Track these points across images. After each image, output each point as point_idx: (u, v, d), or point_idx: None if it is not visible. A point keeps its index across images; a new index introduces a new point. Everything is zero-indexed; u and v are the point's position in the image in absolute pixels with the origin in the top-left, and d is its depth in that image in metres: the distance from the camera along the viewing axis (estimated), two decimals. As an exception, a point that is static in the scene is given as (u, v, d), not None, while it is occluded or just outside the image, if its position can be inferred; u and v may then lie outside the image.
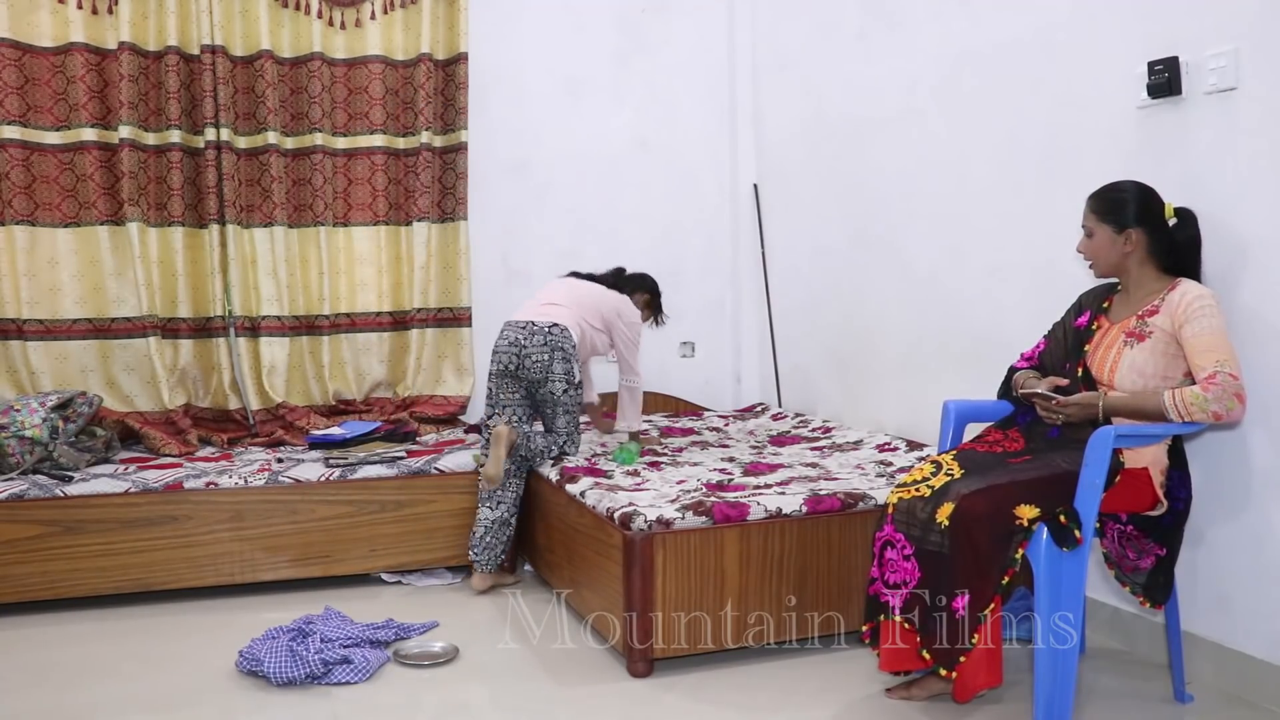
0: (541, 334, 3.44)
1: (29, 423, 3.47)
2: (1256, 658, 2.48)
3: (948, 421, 2.66)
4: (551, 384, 3.44)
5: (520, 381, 3.48)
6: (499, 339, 3.52)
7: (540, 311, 3.53)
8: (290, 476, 3.48)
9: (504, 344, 3.49)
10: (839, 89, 4.25)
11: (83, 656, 2.92)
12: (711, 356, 5.07)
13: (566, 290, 3.66)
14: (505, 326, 3.54)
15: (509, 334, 3.49)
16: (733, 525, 2.72)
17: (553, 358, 3.43)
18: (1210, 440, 2.58)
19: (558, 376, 3.44)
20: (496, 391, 3.50)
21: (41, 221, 3.99)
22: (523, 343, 3.44)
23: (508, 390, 3.49)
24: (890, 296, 3.94)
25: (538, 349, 3.43)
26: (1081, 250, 2.49)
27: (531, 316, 3.51)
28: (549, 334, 3.45)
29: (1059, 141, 3.05)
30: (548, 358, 3.43)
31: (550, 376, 3.44)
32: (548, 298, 3.62)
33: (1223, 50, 2.49)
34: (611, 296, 3.70)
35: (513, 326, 3.50)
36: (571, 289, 3.67)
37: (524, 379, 3.46)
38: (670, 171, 4.94)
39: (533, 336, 3.44)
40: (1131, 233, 2.39)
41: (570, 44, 4.76)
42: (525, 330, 3.46)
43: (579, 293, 3.66)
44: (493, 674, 2.77)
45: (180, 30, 4.07)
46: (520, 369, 3.45)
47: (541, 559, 3.52)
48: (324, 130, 4.28)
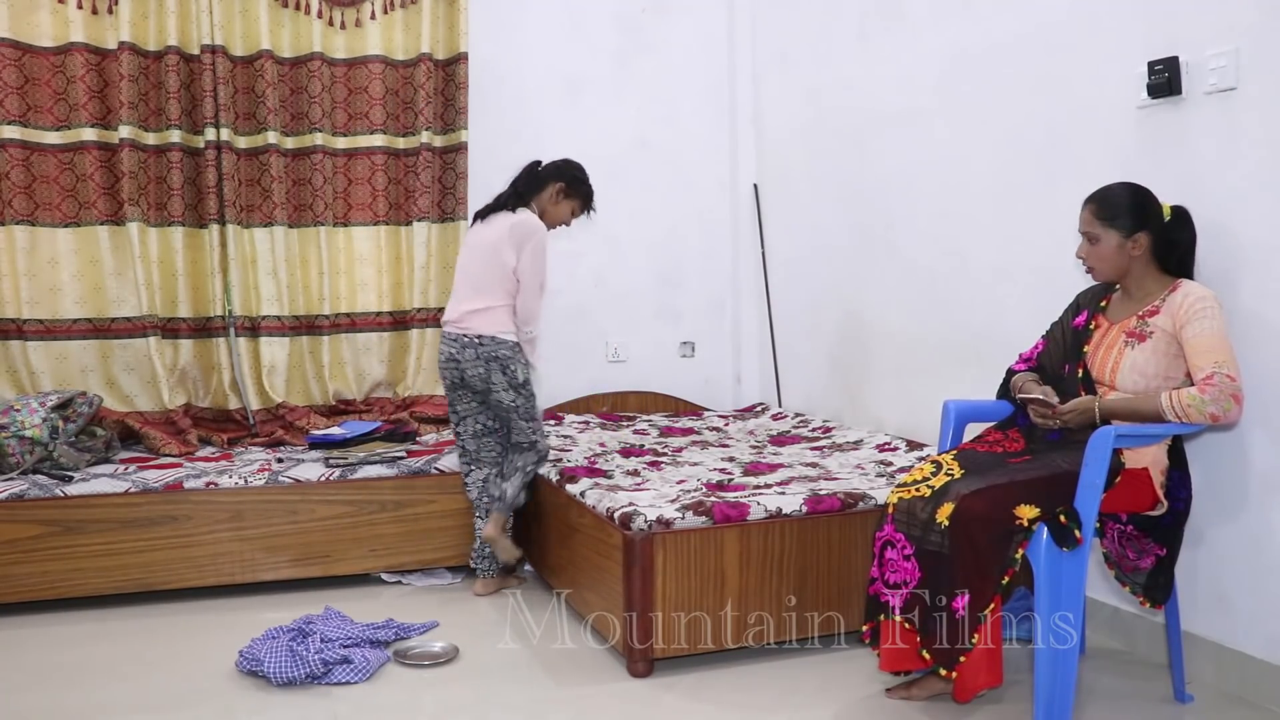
0: (473, 347, 3.28)
1: (29, 423, 3.47)
2: (1256, 658, 2.48)
3: (948, 421, 2.66)
4: (495, 394, 3.30)
5: (472, 390, 3.36)
6: (439, 352, 3.39)
7: (464, 320, 3.30)
8: (290, 476, 3.48)
9: (442, 359, 3.36)
10: (839, 89, 4.25)
11: (83, 656, 2.92)
12: (711, 356, 5.07)
13: (481, 266, 3.31)
14: (442, 336, 3.38)
15: (444, 348, 3.35)
16: (733, 525, 2.72)
17: (489, 369, 3.27)
18: (1210, 440, 2.58)
19: (500, 386, 3.28)
20: (453, 403, 3.41)
21: (41, 221, 3.99)
22: (457, 357, 3.31)
23: (464, 401, 3.39)
24: (890, 296, 3.95)
25: (471, 363, 3.28)
26: (1083, 256, 2.45)
27: (460, 326, 3.31)
28: (479, 347, 3.27)
29: (1059, 141, 3.05)
30: (484, 370, 3.27)
31: (492, 388, 3.29)
32: (466, 297, 3.33)
33: (1223, 50, 2.49)
34: (517, 227, 3.27)
35: (446, 339, 3.35)
36: (485, 260, 3.30)
37: (472, 388, 3.34)
38: (670, 171, 4.94)
39: (464, 350, 3.29)
40: (1140, 236, 2.38)
41: (570, 44, 4.76)
42: (457, 344, 3.30)
43: (490, 258, 3.28)
44: (493, 674, 2.77)
45: (180, 30, 4.07)
46: (464, 381, 3.33)
47: (541, 559, 3.52)
48: (324, 130, 4.28)
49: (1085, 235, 2.43)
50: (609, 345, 4.91)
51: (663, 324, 4.98)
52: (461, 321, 3.32)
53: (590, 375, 4.85)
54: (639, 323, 4.94)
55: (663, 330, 4.99)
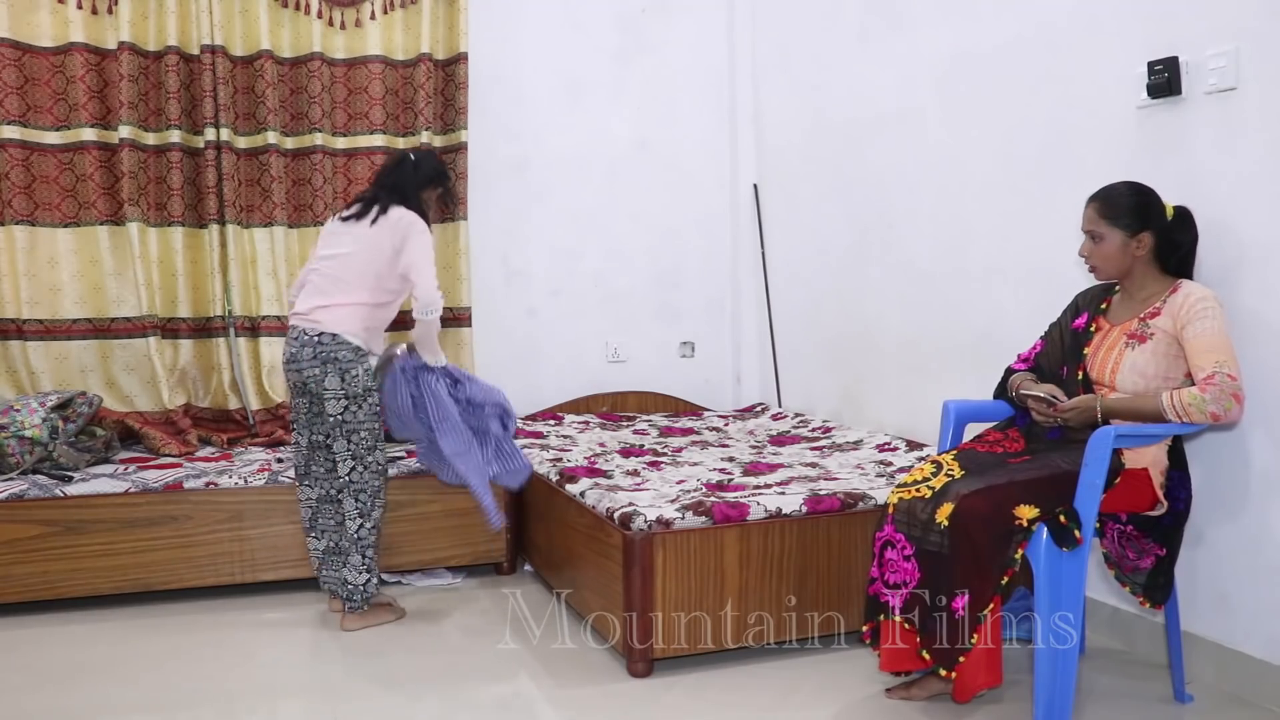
0: (311, 345, 3.00)
1: (29, 423, 3.47)
2: (1256, 658, 2.48)
3: (948, 421, 2.66)
4: (326, 402, 2.99)
5: (311, 396, 3.05)
6: (282, 351, 3.12)
7: (312, 314, 3.04)
8: (290, 477, 3.47)
9: (284, 358, 3.08)
10: (839, 89, 4.25)
11: (83, 656, 2.92)
12: (711, 356, 5.07)
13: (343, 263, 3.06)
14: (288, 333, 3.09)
15: (285, 347, 3.07)
16: (733, 525, 2.72)
17: (325, 371, 2.98)
18: (1210, 440, 2.58)
19: (332, 394, 2.98)
20: (294, 412, 3.14)
21: (41, 221, 3.99)
22: (296, 356, 3.02)
23: (304, 410, 3.09)
24: (890, 296, 3.95)
25: (308, 363, 2.99)
26: (1086, 254, 2.44)
27: (307, 319, 3.03)
28: (318, 345, 2.99)
29: (1059, 141, 3.05)
30: (319, 372, 2.98)
31: (324, 394, 2.98)
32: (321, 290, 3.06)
33: (1223, 50, 2.49)
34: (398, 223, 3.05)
35: (289, 336, 3.08)
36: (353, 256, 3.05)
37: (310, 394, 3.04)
38: (670, 171, 4.94)
39: (303, 349, 3.01)
40: (1144, 236, 2.38)
41: (570, 44, 4.76)
42: (297, 341, 3.03)
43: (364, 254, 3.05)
44: (493, 674, 2.77)
45: (180, 30, 4.07)
46: (304, 385, 3.04)
47: (541, 559, 3.52)
48: (324, 130, 4.28)
49: (1089, 234, 2.42)
50: (609, 345, 4.91)
51: (662, 324, 4.98)
52: (310, 315, 3.03)
53: (590, 375, 4.85)
54: (639, 323, 4.94)
55: (662, 330, 4.99)
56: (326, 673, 2.79)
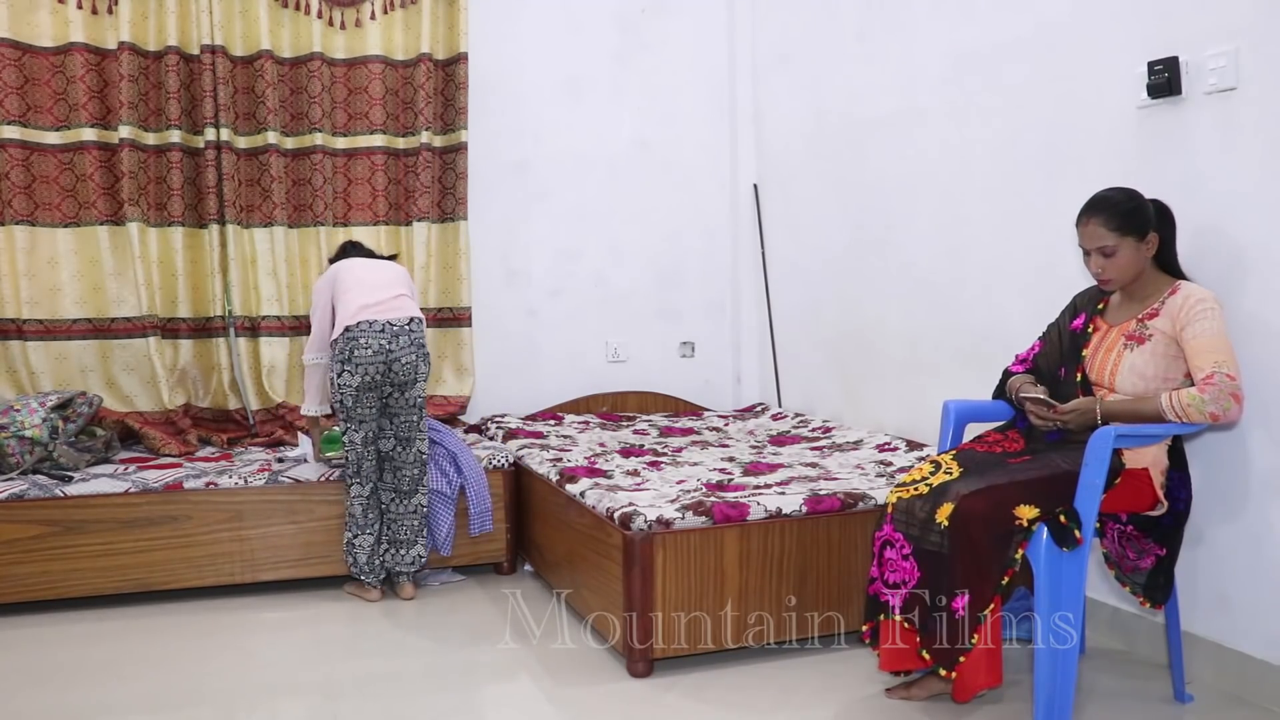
0: (406, 334, 3.24)
1: (29, 423, 3.47)
2: (1256, 657, 2.48)
3: (948, 421, 2.66)
4: (416, 385, 3.30)
5: (378, 393, 3.28)
6: (360, 349, 3.19)
7: (394, 306, 3.28)
8: (290, 476, 3.47)
9: (367, 354, 3.19)
10: (839, 89, 4.25)
11: (83, 656, 2.92)
12: (711, 356, 5.07)
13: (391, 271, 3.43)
14: (360, 333, 3.20)
15: (372, 341, 3.19)
16: (733, 525, 2.72)
17: (418, 357, 3.28)
18: (1210, 441, 2.58)
19: (424, 376, 3.31)
20: (354, 406, 3.24)
21: (41, 221, 3.99)
22: (389, 348, 3.22)
23: (366, 404, 3.26)
24: (890, 296, 3.95)
25: (404, 350, 3.24)
26: (1099, 270, 2.38)
27: (387, 315, 3.24)
28: (412, 332, 3.26)
29: (1059, 141, 3.05)
30: (414, 358, 3.27)
31: (416, 379, 3.29)
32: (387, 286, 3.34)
33: (1223, 50, 2.49)
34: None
35: (371, 332, 3.20)
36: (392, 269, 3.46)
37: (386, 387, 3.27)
38: (670, 171, 4.94)
39: (397, 339, 3.23)
40: (1151, 236, 2.37)
41: (570, 44, 4.76)
42: (384, 334, 3.22)
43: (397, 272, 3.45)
44: (493, 674, 2.77)
45: (180, 30, 4.07)
46: (386, 376, 3.24)
47: (541, 559, 3.52)
48: (324, 130, 4.28)
49: (1099, 251, 2.36)
50: (609, 345, 4.91)
51: (662, 324, 4.98)
52: (389, 309, 3.25)
53: (590, 375, 4.85)
54: (639, 323, 4.94)
55: (662, 330, 4.99)
56: (327, 672, 2.79)
